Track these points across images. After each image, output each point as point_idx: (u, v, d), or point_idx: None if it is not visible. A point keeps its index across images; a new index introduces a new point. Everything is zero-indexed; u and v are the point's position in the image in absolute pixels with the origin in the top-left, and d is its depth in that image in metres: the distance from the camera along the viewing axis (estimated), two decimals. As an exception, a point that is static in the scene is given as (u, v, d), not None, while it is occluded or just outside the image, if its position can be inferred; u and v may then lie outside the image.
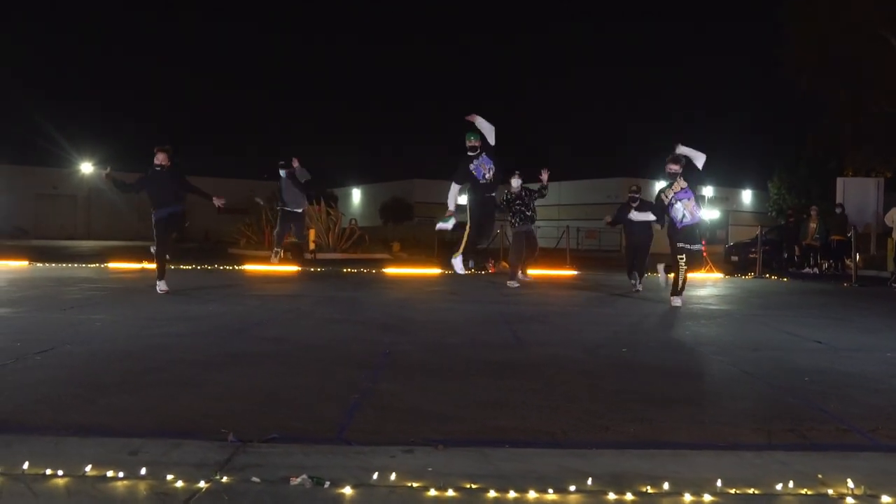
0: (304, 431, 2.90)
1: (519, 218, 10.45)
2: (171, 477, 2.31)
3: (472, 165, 7.88)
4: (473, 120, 7.65)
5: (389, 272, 13.92)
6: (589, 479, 2.36)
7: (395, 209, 40.62)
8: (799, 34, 25.85)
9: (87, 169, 42.65)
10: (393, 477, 2.33)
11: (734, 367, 4.44)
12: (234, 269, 13.48)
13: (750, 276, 14.49)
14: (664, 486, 2.34)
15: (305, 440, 2.75)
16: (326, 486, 2.27)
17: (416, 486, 2.30)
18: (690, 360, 4.74)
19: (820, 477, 2.45)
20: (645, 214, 8.76)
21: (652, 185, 41.80)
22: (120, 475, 2.32)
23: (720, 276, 14.13)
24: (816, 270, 16.16)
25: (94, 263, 14.43)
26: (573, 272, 14.41)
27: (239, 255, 20.31)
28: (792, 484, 2.37)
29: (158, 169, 8.29)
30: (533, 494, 2.26)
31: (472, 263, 8.31)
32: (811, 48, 25.48)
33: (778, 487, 2.35)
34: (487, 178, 7.91)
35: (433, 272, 13.99)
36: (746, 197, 50.03)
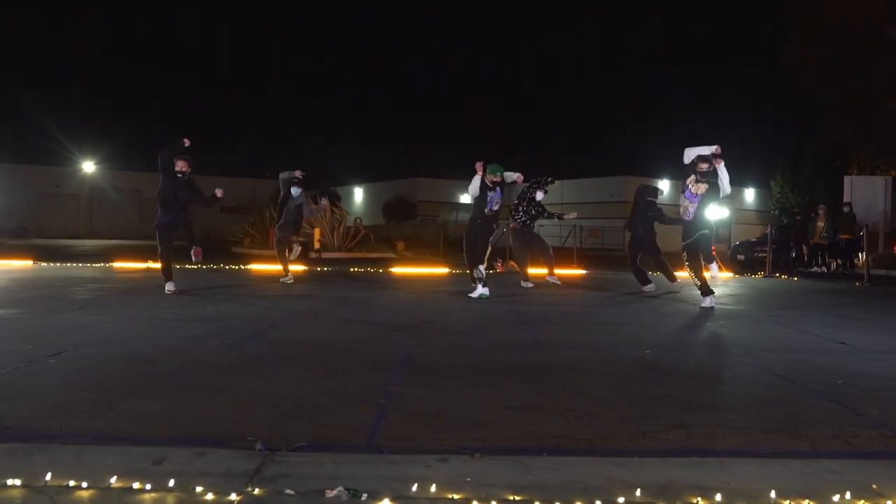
0: (331, 439, 2.80)
1: (523, 220, 10.32)
2: (199, 489, 2.21)
3: (489, 194, 8.56)
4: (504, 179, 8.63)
5: (397, 271, 13.82)
6: (637, 490, 2.26)
7: (398, 208, 40.52)
8: (804, 33, 25.73)
9: (89, 168, 42.60)
10: (433, 489, 2.23)
11: (763, 369, 4.33)
12: (240, 268, 13.39)
13: (760, 275, 14.38)
14: (716, 497, 2.23)
15: (335, 448, 2.64)
16: (363, 498, 2.17)
17: (457, 497, 2.20)
18: (717, 362, 4.63)
19: (875, 487, 2.35)
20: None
21: (655, 183, 41.70)
22: (147, 487, 2.21)
23: (729, 275, 14.02)
24: (825, 269, 16.04)
25: (98, 263, 14.34)
26: (581, 271, 14.31)
27: (244, 254, 20.23)
28: (849, 495, 2.27)
29: (180, 176, 8.30)
30: (581, 507, 2.16)
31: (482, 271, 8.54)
32: (816, 47, 25.36)
33: (835, 499, 2.25)
34: (494, 210, 8.68)
35: (441, 271, 13.89)
36: (749, 196, 49.91)
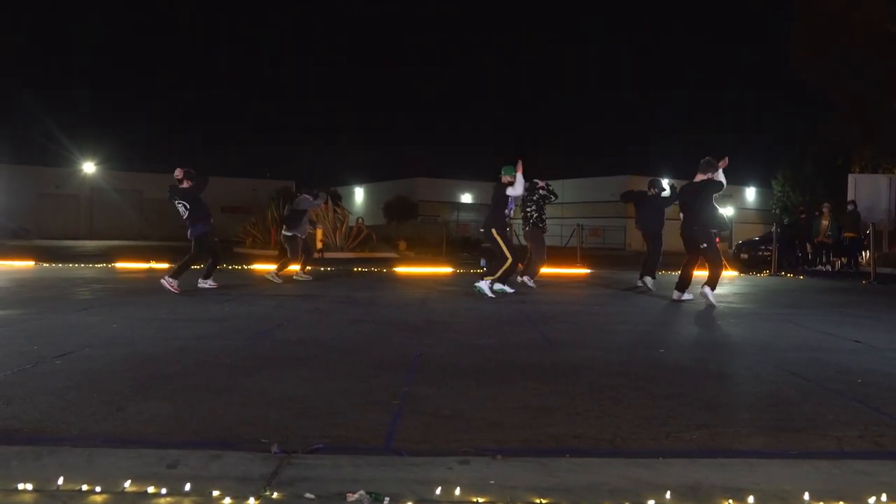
0: (348, 440, 2.73)
1: (532, 222, 10.24)
2: (216, 493, 2.14)
3: (509, 200, 8.68)
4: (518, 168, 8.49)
5: (401, 271, 13.76)
6: (666, 492, 2.19)
7: (399, 208, 40.46)
8: (806, 32, 25.67)
9: (89, 168, 42.52)
10: (458, 492, 2.16)
11: (780, 368, 4.27)
12: (243, 268, 13.32)
13: (765, 273, 14.32)
14: (748, 499, 2.17)
15: (352, 450, 2.58)
16: (386, 502, 2.11)
17: (481, 501, 2.14)
18: (732, 361, 4.57)
19: (909, 489, 2.28)
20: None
21: (658, 182, 41.64)
22: (162, 492, 2.15)
23: (734, 273, 13.96)
24: (829, 268, 15.98)
25: (100, 263, 14.28)
26: (585, 270, 14.25)
27: (246, 254, 20.16)
28: (885, 497, 2.20)
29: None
30: (610, 510, 2.10)
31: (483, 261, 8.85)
32: (818, 46, 25.30)
33: (870, 501, 2.18)
34: (510, 210, 8.81)
35: (444, 271, 13.83)
36: (750, 195, 49.85)
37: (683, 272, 8.21)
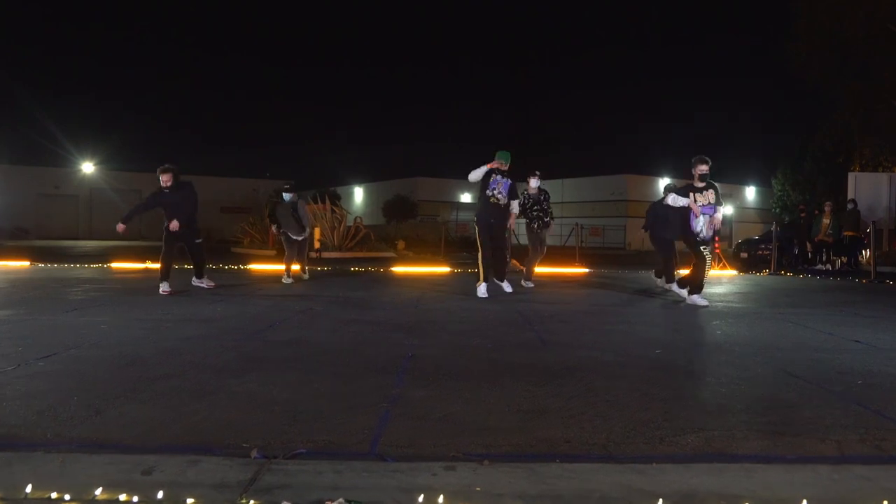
0: (332, 445, 2.65)
1: (538, 223, 10.11)
2: (190, 501, 2.06)
3: (492, 178, 8.29)
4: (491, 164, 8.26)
5: (398, 271, 13.67)
6: (659, 499, 2.11)
7: (398, 207, 40.34)
8: (806, 29, 25.59)
9: (88, 168, 42.44)
10: (441, 499, 2.08)
11: (779, 369, 4.18)
12: (239, 268, 13.24)
13: (765, 272, 14.23)
14: (745, 508, 2.08)
15: (336, 455, 2.50)
16: (366, 510, 2.02)
17: (466, 509, 2.05)
18: (731, 362, 4.48)
19: (912, 495, 2.20)
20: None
21: (656, 182, 41.59)
22: (134, 499, 2.07)
23: (734, 273, 13.87)
24: (829, 267, 15.88)
25: (96, 264, 14.19)
26: (584, 270, 14.16)
27: (243, 254, 20.08)
28: (887, 503, 2.12)
29: (166, 190, 8.55)
30: (600, 519, 2.01)
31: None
32: (818, 43, 25.22)
33: (872, 509, 2.10)
34: (496, 196, 8.29)
35: (442, 270, 13.74)
36: (750, 193, 49.74)
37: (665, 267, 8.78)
